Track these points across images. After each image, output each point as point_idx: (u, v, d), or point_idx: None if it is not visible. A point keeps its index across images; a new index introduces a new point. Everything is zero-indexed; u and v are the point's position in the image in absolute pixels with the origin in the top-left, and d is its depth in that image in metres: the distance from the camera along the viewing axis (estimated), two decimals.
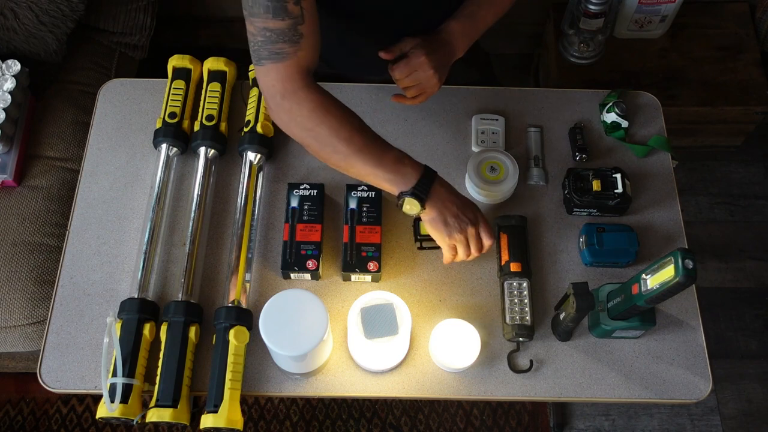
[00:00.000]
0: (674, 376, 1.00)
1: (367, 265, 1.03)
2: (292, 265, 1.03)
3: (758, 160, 2.02)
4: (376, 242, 1.04)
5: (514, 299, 1.01)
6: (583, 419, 1.70)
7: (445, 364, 0.98)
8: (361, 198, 1.07)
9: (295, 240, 1.04)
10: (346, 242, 1.04)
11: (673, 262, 0.82)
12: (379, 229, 1.05)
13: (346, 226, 1.05)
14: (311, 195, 1.08)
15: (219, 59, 1.18)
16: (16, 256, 1.33)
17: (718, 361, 1.74)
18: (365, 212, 1.06)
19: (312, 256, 1.03)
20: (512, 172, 1.08)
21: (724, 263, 1.88)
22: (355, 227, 1.05)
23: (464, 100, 1.20)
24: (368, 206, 1.07)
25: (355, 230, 1.05)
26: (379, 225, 1.05)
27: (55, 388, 0.98)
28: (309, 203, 1.07)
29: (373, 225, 1.05)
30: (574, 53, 1.72)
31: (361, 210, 1.06)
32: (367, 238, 1.04)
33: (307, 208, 1.06)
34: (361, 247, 1.04)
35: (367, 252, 1.04)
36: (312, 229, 1.05)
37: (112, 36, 1.64)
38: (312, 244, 1.04)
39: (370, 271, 1.02)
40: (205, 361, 0.99)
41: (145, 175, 1.13)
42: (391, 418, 1.68)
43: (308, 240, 1.04)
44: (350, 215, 1.06)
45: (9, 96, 1.36)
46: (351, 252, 1.03)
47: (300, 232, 1.04)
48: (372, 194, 1.08)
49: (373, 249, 1.04)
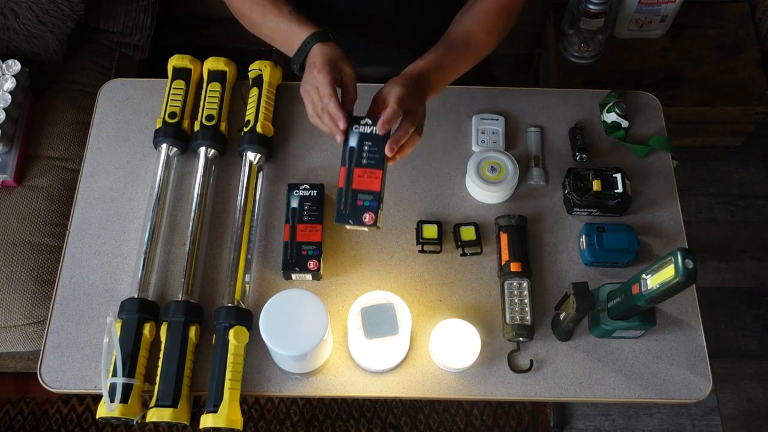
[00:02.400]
0: (674, 376, 1.00)
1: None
2: (293, 265, 1.03)
3: (758, 160, 2.02)
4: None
5: (514, 299, 1.01)
6: (583, 419, 1.70)
7: (445, 364, 0.98)
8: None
9: (296, 240, 1.04)
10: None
11: (673, 262, 0.82)
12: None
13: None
14: (311, 195, 1.08)
15: (219, 59, 1.18)
16: (16, 256, 1.33)
17: (718, 361, 1.74)
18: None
19: (313, 256, 1.03)
20: (512, 172, 1.08)
21: (724, 263, 1.88)
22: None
23: (464, 100, 1.20)
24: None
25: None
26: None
27: (55, 388, 0.98)
28: (309, 203, 1.07)
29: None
30: (574, 53, 1.72)
31: (362, 152, 0.93)
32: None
33: (308, 209, 1.06)
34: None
35: (308, 251, 1.03)
36: (312, 229, 1.05)
37: (112, 36, 1.64)
38: (313, 244, 1.04)
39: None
40: (205, 361, 0.99)
41: (145, 175, 1.13)
42: (391, 418, 1.68)
43: (309, 240, 1.04)
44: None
45: (9, 96, 1.36)
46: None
47: (300, 232, 1.04)
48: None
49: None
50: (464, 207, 1.11)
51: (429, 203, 1.11)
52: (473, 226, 1.08)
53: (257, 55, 1.07)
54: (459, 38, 1.03)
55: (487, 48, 1.05)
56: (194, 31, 2.01)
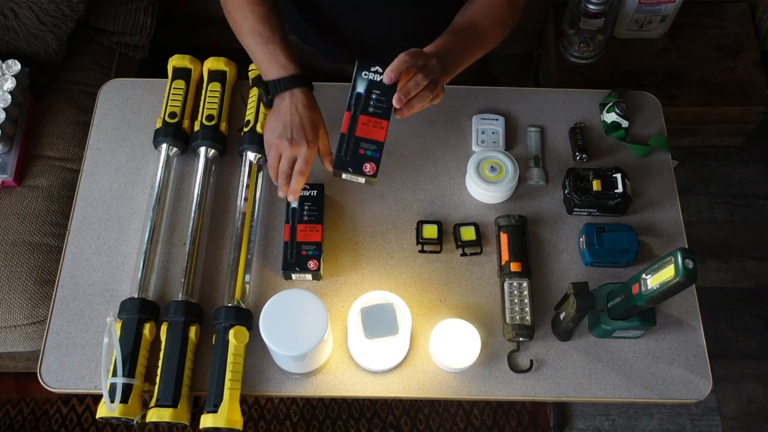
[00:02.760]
0: (674, 376, 1.00)
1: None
2: (293, 265, 1.02)
3: (758, 160, 2.02)
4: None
5: (514, 299, 1.01)
6: (583, 419, 1.70)
7: (445, 364, 0.98)
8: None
9: (296, 240, 1.03)
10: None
11: (673, 262, 0.82)
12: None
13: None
14: (311, 195, 1.07)
15: (219, 59, 1.18)
16: (16, 256, 1.33)
17: (718, 361, 1.74)
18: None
19: (313, 256, 1.03)
20: (512, 172, 1.08)
21: (724, 263, 1.88)
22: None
23: (464, 100, 1.20)
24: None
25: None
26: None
27: (55, 388, 0.98)
28: (309, 204, 1.06)
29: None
30: (574, 53, 1.72)
31: (369, 100, 0.91)
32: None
33: (308, 209, 1.06)
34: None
35: (308, 251, 1.02)
36: (313, 229, 1.04)
37: (112, 36, 1.64)
38: (313, 244, 1.03)
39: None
40: (205, 361, 0.99)
41: (145, 175, 1.13)
42: (391, 418, 1.68)
43: (309, 240, 1.03)
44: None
45: (9, 96, 1.36)
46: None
47: (301, 232, 1.04)
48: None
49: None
50: (464, 207, 1.11)
51: (429, 203, 1.11)
52: (473, 226, 1.08)
53: None
54: (465, 25, 1.04)
55: (494, 38, 1.05)
56: (194, 31, 2.01)
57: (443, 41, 0.99)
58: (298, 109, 0.97)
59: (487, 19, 1.04)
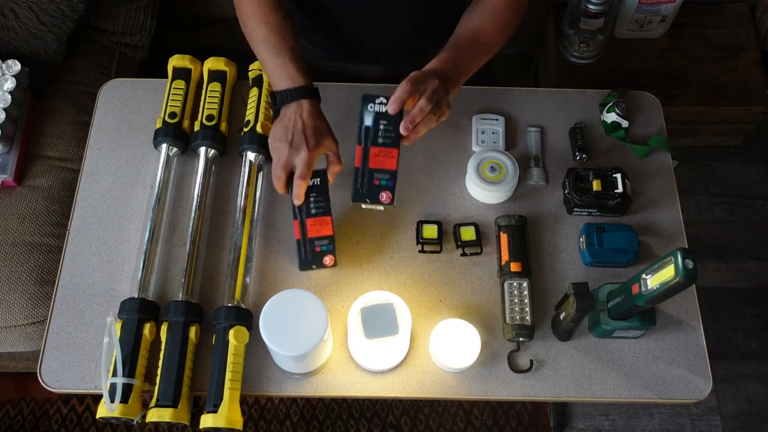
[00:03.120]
0: (674, 376, 1.00)
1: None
2: (309, 262, 1.02)
3: (758, 160, 2.02)
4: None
5: (514, 299, 1.01)
6: (583, 419, 1.70)
7: (445, 364, 0.98)
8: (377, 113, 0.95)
9: (308, 237, 1.01)
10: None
11: (673, 262, 0.82)
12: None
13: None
14: (314, 185, 1.01)
15: (219, 59, 1.18)
16: (16, 256, 1.33)
17: (718, 361, 1.74)
18: (382, 133, 0.95)
19: (327, 252, 1.02)
20: (512, 172, 1.08)
21: (724, 263, 1.88)
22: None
23: (464, 100, 1.20)
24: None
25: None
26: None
27: (55, 388, 0.98)
28: (314, 194, 1.01)
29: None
30: (574, 53, 1.72)
31: (377, 131, 0.94)
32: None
33: (314, 200, 1.01)
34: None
35: (321, 246, 1.01)
36: (323, 222, 1.01)
37: (112, 36, 1.64)
38: (325, 239, 1.02)
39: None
40: (205, 361, 0.99)
41: (145, 175, 1.13)
42: (391, 418, 1.68)
43: (321, 235, 1.01)
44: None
45: (9, 96, 1.36)
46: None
47: (311, 227, 1.01)
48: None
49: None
50: (464, 207, 1.11)
51: (429, 203, 1.12)
52: (473, 226, 1.08)
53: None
54: (468, 35, 1.04)
55: (497, 44, 1.06)
56: (194, 31, 2.01)
57: (447, 56, 0.99)
58: (301, 116, 0.97)
59: (491, 26, 1.05)
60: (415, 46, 1.21)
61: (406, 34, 1.21)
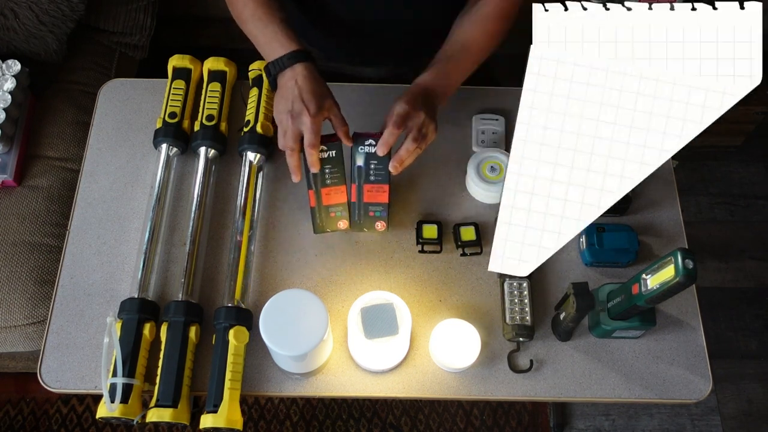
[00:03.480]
0: (674, 376, 1.00)
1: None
2: (323, 228, 1.03)
3: (758, 160, 2.02)
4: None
5: (514, 299, 1.01)
6: (583, 419, 1.70)
7: (445, 364, 0.98)
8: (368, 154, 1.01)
9: (323, 205, 1.02)
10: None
11: (673, 262, 0.82)
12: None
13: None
14: (330, 157, 1.01)
15: (219, 59, 1.18)
16: (16, 256, 1.33)
17: (718, 361, 1.74)
18: (373, 171, 1.02)
19: (341, 217, 1.03)
20: None
21: (724, 263, 1.88)
22: (363, 186, 1.02)
23: (464, 100, 1.20)
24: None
25: (362, 190, 1.02)
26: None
27: (55, 388, 0.98)
28: (329, 166, 1.01)
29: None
30: None
31: (368, 170, 1.02)
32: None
33: (329, 171, 1.01)
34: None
35: (336, 212, 1.03)
36: (337, 191, 1.02)
37: (112, 36, 1.64)
38: (339, 206, 1.03)
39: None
40: (205, 361, 0.99)
41: (145, 175, 1.13)
42: (391, 418, 1.68)
43: (336, 203, 1.02)
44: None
45: (9, 96, 1.36)
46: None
47: (326, 196, 1.02)
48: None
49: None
50: (464, 207, 1.11)
51: (429, 203, 1.12)
52: (473, 226, 1.08)
53: (257, 55, 1.07)
54: (459, 45, 1.05)
55: (487, 52, 1.07)
56: (194, 31, 2.01)
57: (438, 69, 1.01)
58: (297, 82, 0.96)
59: (482, 35, 1.05)
60: (415, 48, 1.21)
61: (405, 37, 1.21)
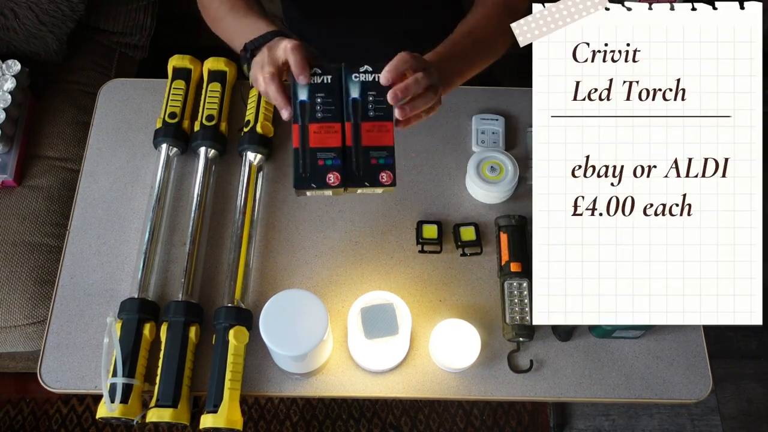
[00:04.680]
0: (674, 376, 1.00)
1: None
2: (306, 180, 0.78)
3: None
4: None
5: (514, 299, 1.01)
6: (583, 419, 1.70)
7: (445, 364, 0.98)
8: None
9: (309, 147, 0.77)
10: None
11: None
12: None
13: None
14: (324, 83, 0.79)
15: (219, 59, 1.18)
16: (16, 256, 1.33)
17: (718, 361, 1.74)
18: (372, 105, 0.79)
19: (332, 167, 0.78)
20: (512, 172, 1.08)
21: None
22: (360, 125, 0.79)
23: (464, 100, 1.20)
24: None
25: (360, 130, 0.79)
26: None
27: (55, 388, 0.98)
28: (322, 95, 0.79)
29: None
30: None
31: (366, 104, 0.79)
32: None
33: (321, 101, 0.79)
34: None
35: (325, 159, 0.77)
36: (330, 129, 0.78)
37: (112, 36, 1.64)
38: (331, 151, 0.78)
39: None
40: (205, 361, 0.99)
41: (145, 175, 1.13)
42: (391, 418, 1.68)
43: (325, 146, 0.78)
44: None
45: (9, 96, 1.36)
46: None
47: (314, 134, 0.78)
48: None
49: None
50: (464, 207, 1.11)
51: (429, 203, 1.12)
52: (473, 226, 1.08)
53: None
54: (463, 34, 1.02)
55: (495, 46, 1.03)
56: (194, 31, 2.00)
57: (441, 49, 0.96)
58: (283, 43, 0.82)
59: (486, 27, 1.02)
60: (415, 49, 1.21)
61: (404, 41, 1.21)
